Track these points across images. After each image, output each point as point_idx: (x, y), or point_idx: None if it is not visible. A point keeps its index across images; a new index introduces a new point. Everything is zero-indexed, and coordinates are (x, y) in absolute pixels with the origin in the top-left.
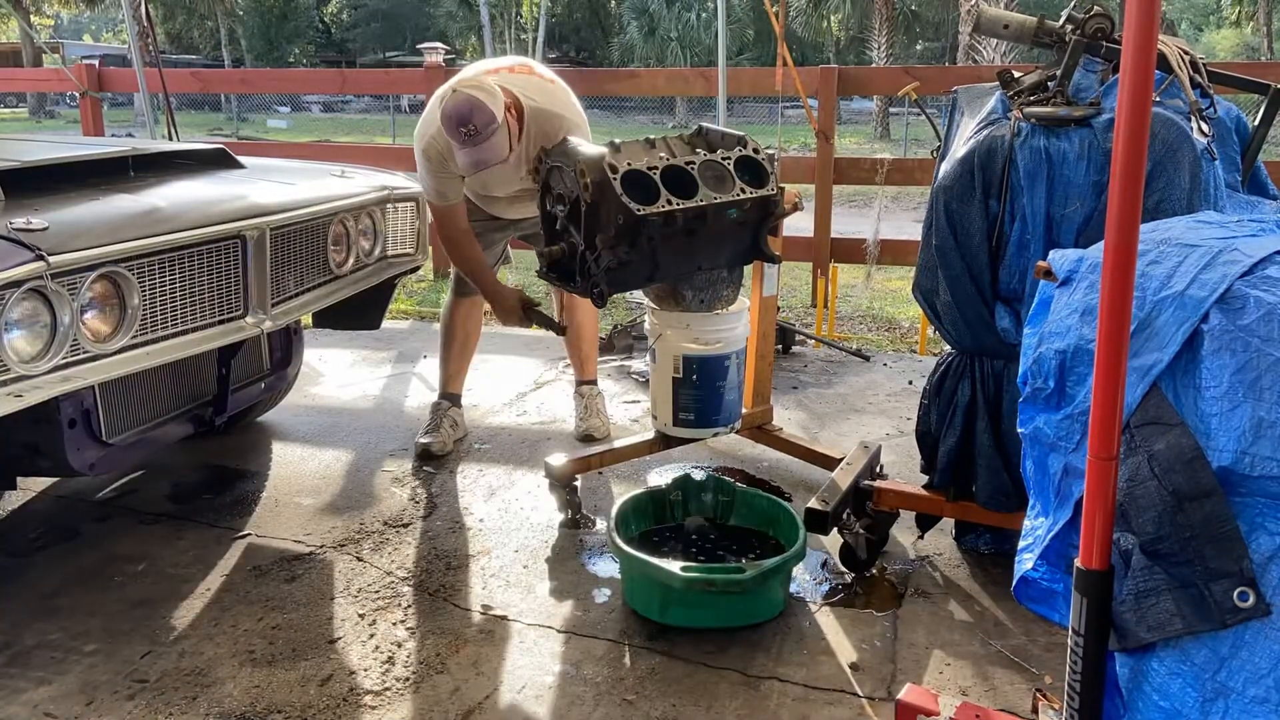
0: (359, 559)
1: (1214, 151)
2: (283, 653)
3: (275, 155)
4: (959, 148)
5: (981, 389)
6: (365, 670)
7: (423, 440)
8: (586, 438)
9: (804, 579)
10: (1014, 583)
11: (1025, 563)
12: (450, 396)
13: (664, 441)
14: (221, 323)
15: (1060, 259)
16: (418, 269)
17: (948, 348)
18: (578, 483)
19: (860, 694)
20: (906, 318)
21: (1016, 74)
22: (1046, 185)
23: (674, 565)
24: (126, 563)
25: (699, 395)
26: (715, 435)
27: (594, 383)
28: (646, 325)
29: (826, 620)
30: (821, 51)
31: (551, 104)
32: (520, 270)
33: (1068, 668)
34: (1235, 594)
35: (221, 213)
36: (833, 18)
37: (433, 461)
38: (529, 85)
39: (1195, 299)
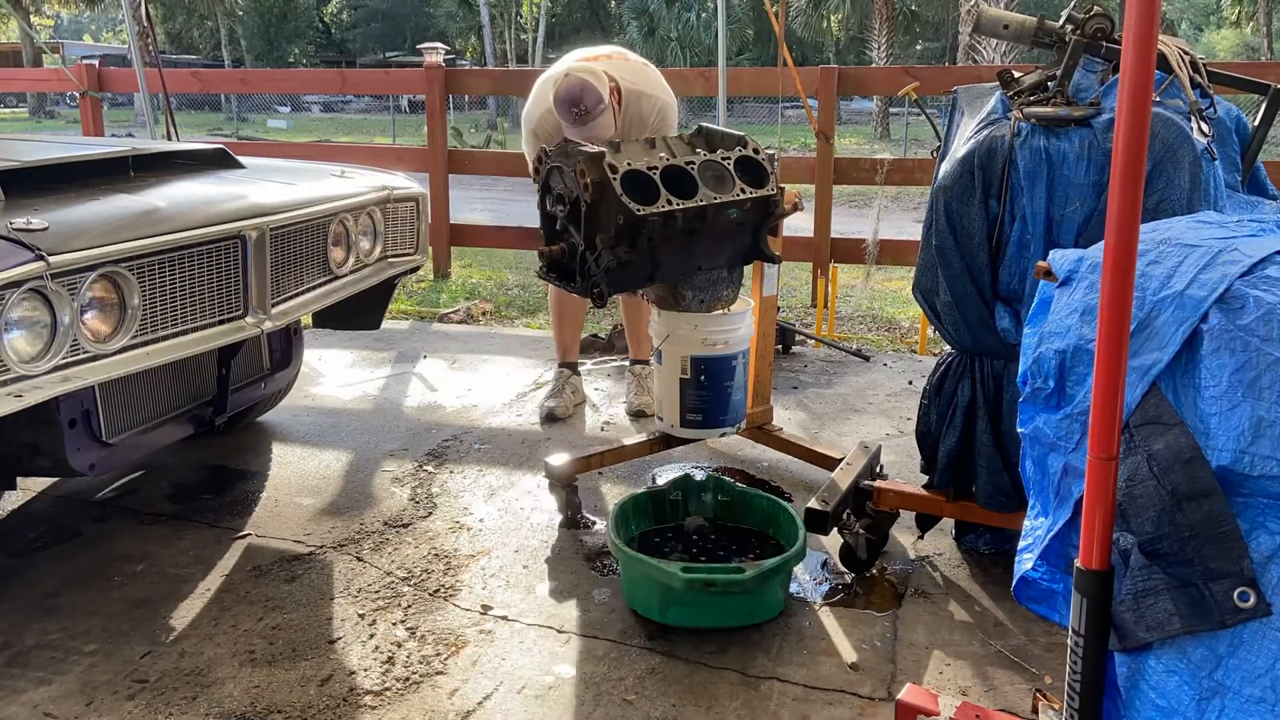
0: (359, 559)
1: (1214, 151)
2: (283, 653)
3: (275, 155)
4: (959, 148)
5: (981, 389)
6: (365, 670)
7: (548, 404)
8: (638, 413)
9: (804, 579)
10: (1014, 583)
11: (1025, 563)
12: (569, 365)
13: (665, 441)
14: (221, 323)
15: (1060, 259)
16: (418, 269)
17: (948, 348)
18: (578, 483)
19: (860, 694)
20: (906, 318)
21: (1016, 74)
22: (1046, 185)
23: (674, 565)
24: (126, 563)
25: (707, 396)
26: (722, 435)
27: (647, 362)
28: (652, 327)
29: (826, 620)
30: (821, 51)
31: (646, 85)
32: (521, 269)
33: (1068, 668)
34: (1236, 594)
35: (221, 213)
36: (833, 18)
37: (554, 424)
38: (626, 69)
39: (1195, 299)
